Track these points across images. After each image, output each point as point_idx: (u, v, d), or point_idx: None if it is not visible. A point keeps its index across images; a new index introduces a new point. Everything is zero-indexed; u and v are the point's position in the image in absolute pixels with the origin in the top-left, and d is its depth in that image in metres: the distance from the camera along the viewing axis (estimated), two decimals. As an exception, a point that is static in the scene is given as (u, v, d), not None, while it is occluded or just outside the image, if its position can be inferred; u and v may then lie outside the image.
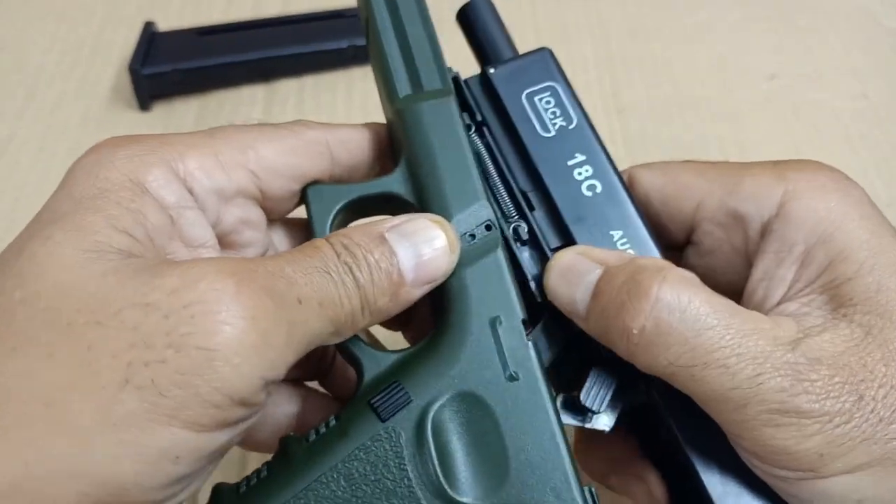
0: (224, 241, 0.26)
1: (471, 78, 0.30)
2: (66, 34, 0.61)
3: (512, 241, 0.27)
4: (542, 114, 0.28)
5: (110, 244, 0.21)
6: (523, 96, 0.29)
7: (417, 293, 0.24)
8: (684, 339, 0.22)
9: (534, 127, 0.28)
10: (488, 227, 0.26)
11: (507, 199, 0.28)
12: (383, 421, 0.24)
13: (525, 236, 0.27)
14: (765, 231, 0.26)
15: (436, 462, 0.24)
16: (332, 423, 0.25)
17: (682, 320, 0.22)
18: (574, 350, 0.27)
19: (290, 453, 0.24)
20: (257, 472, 0.24)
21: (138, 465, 0.19)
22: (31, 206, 0.23)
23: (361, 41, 0.57)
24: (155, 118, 0.55)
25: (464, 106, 0.29)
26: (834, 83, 0.56)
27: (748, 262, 0.26)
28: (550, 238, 0.27)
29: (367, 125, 0.29)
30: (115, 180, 0.22)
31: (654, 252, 0.27)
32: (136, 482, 0.19)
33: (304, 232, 0.29)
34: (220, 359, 0.19)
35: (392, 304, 0.24)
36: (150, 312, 0.19)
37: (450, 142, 0.27)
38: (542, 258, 0.27)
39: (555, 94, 0.29)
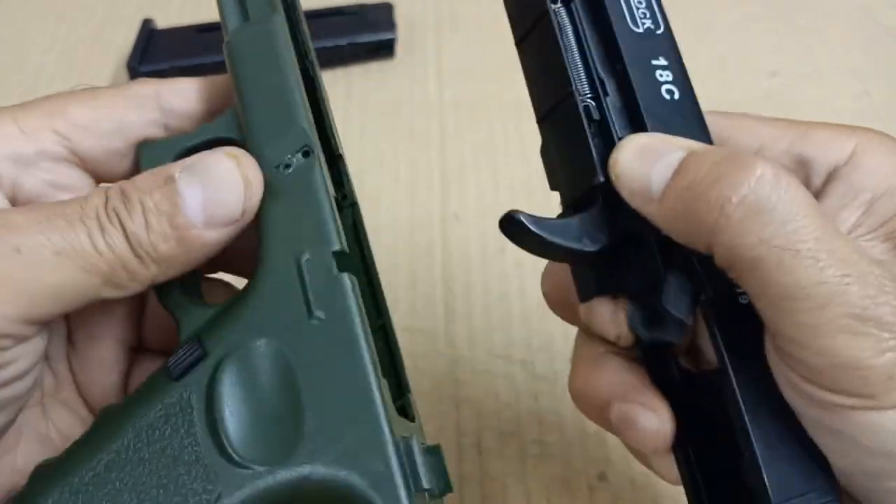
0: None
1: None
2: (65, 33, 0.61)
3: (583, 117, 0.26)
4: (633, 9, 0.27)
5: None
6: None
7: (215, 235, 0.23)
8: (783, 220, 0.21)
9: (624, 17, 0.27)
10: (305, 154, 0.24)
11: (583, 76, 0.27)
12: (176, 380, 0.22)
13: (596, 116, 0.26)
14: (830, 177, 0.25)
15: (225, 423, 0.21)
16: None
17: (782, 200, 0.21)
18: (619, 246, 0.26)
19: (101, 421, 0.23)
20: (76, 441, 0.23)
21: None
22: (28, 203, 0.23)
23: (361, 39, 0.58)
24: (154, 117, 0.55)
25: None
26: (834, 82, 0.56)
27: None
28: (621, 125, 0.26)
29: (208, 77, 0.28)
30: None
31: None
32: None
33: None
34: None
35: (181, 248, 0.23)
36: None
37: (266, 67, 0.25)
38: (608, 143, 0.26)
39: None
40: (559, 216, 0.26)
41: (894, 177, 0.25)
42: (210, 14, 0.61)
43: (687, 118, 0.27)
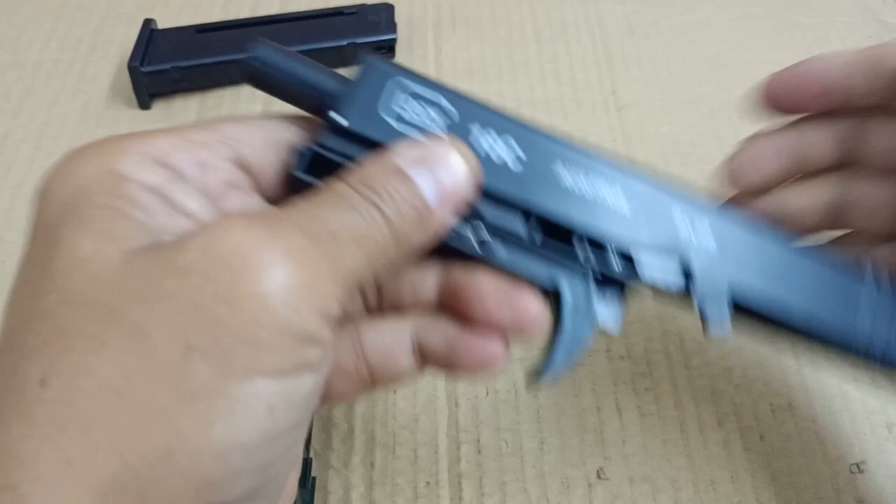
0: (217, 210, 0.26)
1: (321, 133, 0.26)
2: (64, 32, 0.61)
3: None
4: (419, 122, 0.26)
5: (119, 231, 0.20)
6: (391, 121, 0.25)
7: (445, 220, 0.24)
8: None
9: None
10: None
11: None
12: None
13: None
14: None
15: None
16: None
17: None
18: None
19: None
20: None
21: (233, 426, 0.18)
22: (28, 203, 0.23)
23: (361, 39, 0.58)
24: (154, 116, 0.55)
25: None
26: None
27: None
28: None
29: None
30: (92, 176, 0.22)
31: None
32: (236, 443, 0.18)
33: None
34: (273, 300, 0.19)
35: (422, 234, 0.23)
36: (189, 275, 0.19)
37: None
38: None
39: (418, 98, 0.26)
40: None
41: None
42: (209, 13, 0.62)
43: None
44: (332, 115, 0.25)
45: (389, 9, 0.59)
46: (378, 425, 0.40)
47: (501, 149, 0.25)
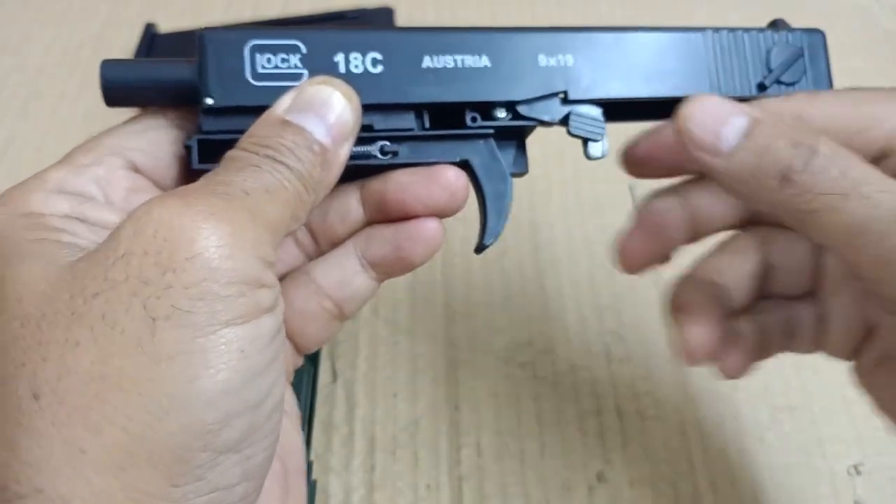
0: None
1: (201, 119, 0.26)
2: (67, 36, 0.61)
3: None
4: (277, 71, 0.26)
5: (53, 254, 0.22)
6: (254, 82, 0.26)
7: (343, 152, 0.25)
8: (834, 178, 0.24)
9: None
10: None
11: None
12: None
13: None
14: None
15: None
16: None
17: (834, 164, 0.24)
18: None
19: None
20: None
21: (214, 374, 0.20)
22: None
23: (361, 43, 0.58)
24: (155, 119, 0.55)
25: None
26: (834, 84, 0.56)
27: None
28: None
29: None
30: (7, 222, 0.23)
31: None
32: (222, 389, 0.20)
33: None
34: (213, 256, 0.20)
35: (327, 172, 0.25)
36: (129, 258, 0.20)
37: None
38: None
39: (267, 49, 0.26)
40: None
41: None
42: (211, 18, 0.62)
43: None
44: (203, 99, 0.26)
45: (389, 12, 0.59)
46: (378, 428, 0.40)
47: (360, 61, 0.27)
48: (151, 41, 0.56)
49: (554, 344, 0.43)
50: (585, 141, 0.29)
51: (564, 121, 0.28)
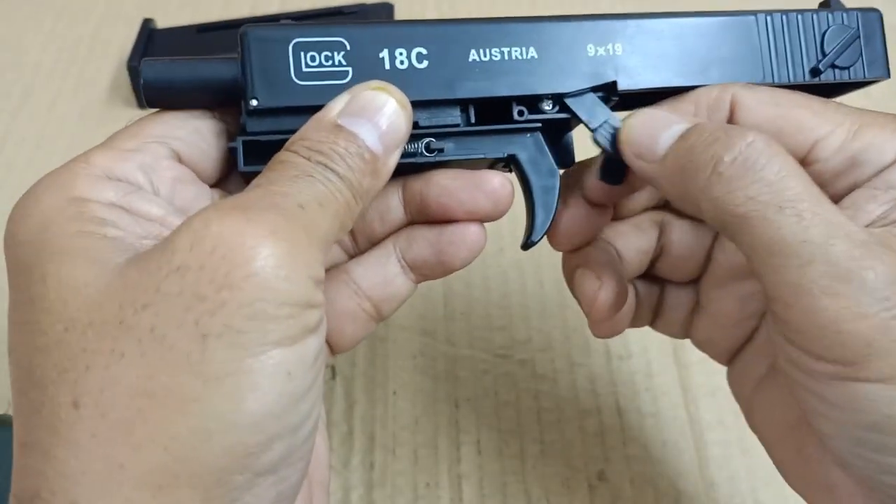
0: (175, 208, 0.26)
1: (245, 120, 0.25)
2: (64, 31, 0.61)
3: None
4: (321, 69, 0.26)
5: (98, 253, 0.21)
6: (301, 82, 0.25)
7: (392, 161, 0.25)
8: (769, 180, 0.23)
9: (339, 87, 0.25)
10: None
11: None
12: None
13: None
14: (871, 176, 0.26)
15: None
16: None
17: (771, 163, 0.23)
18: None
19: None
20: None
21: (261, 397, 0.20)
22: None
23: (360, 39, 0.58)
24: (153, 116, 0.55)
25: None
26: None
27: (838, 199, 0.26)
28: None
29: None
30: (54, 207, 0.22)
31: None
32: (269, 412, 0.20)
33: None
34: (269, 276, 0.20)
35: (376, 180, 0.24)
36: (185, 273, 0.20)
37: None
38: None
39: (312, 47, 0.26)
40: None
41: None
42: (209, 13, 0.62)
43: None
44: (248, 101, 0.25)
45: (389, 8, 0.59)
46: (378, 426, 0.40)
47: (405, 56, 0.26)
48: (149, 37, 0.56)
49: (553, 341, 0.43)
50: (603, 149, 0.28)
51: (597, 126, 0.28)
